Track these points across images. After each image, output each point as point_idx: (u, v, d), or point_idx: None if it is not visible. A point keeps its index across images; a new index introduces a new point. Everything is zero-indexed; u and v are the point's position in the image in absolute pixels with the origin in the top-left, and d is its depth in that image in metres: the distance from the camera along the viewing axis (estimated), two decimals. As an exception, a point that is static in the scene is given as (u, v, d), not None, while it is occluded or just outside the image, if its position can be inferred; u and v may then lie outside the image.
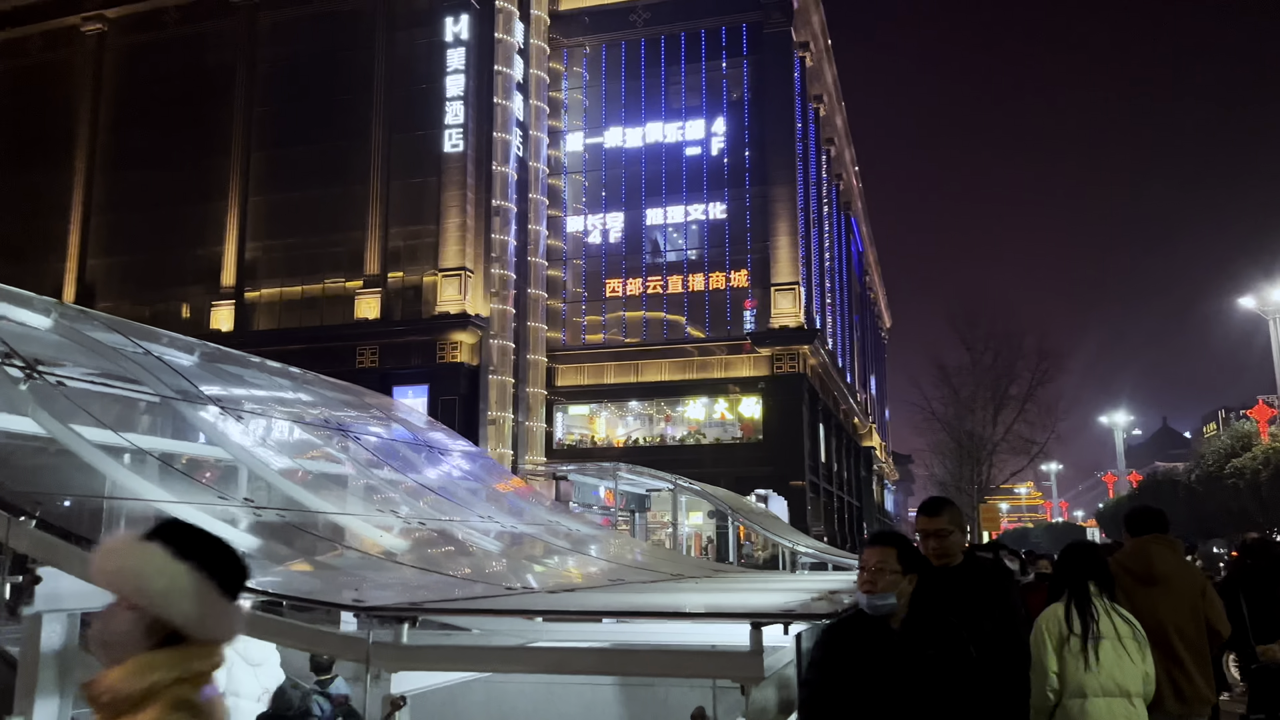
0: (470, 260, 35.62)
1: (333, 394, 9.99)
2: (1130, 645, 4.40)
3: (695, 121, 39.70)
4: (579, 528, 10.42)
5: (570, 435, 40.60)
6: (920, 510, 4.32)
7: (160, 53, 40.90)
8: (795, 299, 37.43)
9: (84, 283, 39.76)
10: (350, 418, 8.87)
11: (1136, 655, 4.40)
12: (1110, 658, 4.34)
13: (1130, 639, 4.42)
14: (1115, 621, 4.45)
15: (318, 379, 11.17)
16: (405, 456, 9.09)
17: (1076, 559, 4.70)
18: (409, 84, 37.41)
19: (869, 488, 66.21)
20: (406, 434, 9.74)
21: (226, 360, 9.06)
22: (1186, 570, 5.34)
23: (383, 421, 9.58)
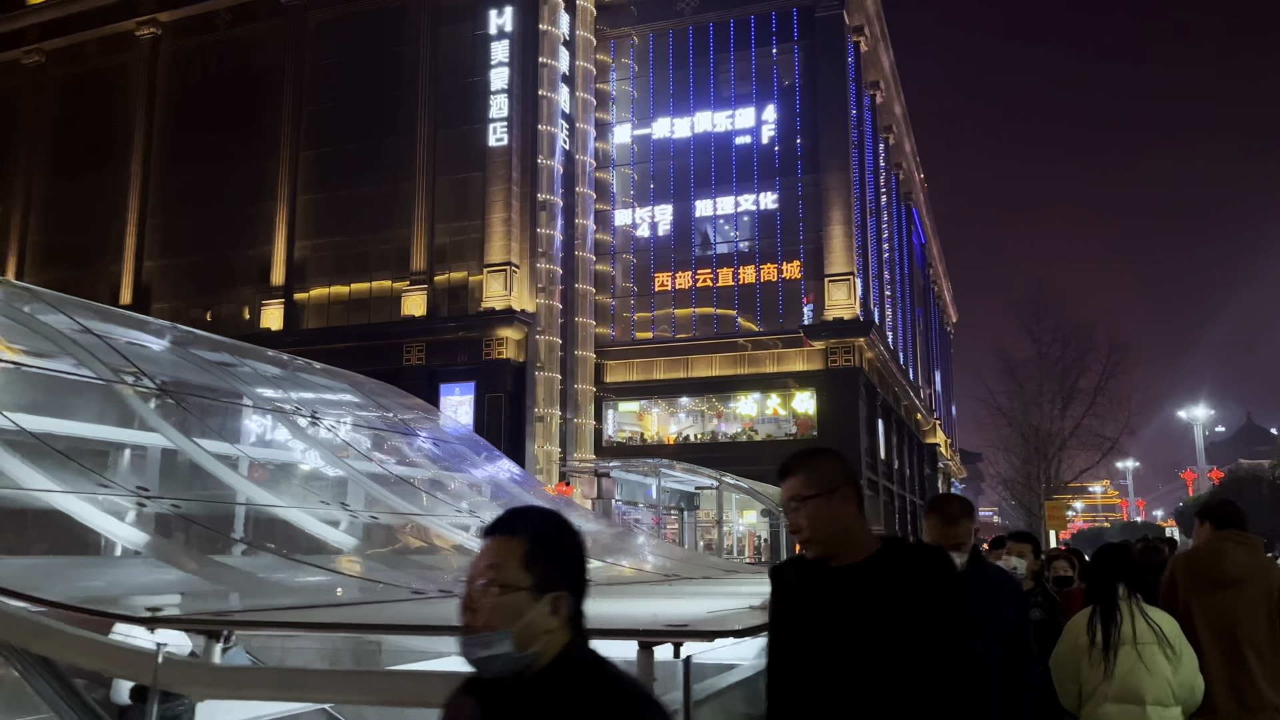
0: (516, 255, 35.11)
1: (312, 378, 9.35)
2: (1151, 651, 4.21)
3: (745, 110, 38.68)
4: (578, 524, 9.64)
5: (621, 432, 39.89)
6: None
7: (212, 55, 41.26)
8: (850, 290, 36.19)
9: (140, 285, 40.24)
10: (310, 399, 8.17)
11: (1159, 662, 4.19)
12: (1127, 664, 4.19)
13: (1153, 644, 4.22)
14: (1139, 626, 4.27)
15: (307, 365, 10.55)
16: (373, 440, 8.41)
17: (1104, 562, 4.57)
18: (454, 78, 37.07)
19: (934, 486, 64.36)
20: (373, 416, 9.00)
21: (198, 344, 8.47)
22: (1263, 571, 4.86)
23: (352, 405, 8.89)
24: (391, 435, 8.86)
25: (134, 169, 41.05)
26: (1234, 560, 4.75)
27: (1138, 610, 4.32)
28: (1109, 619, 4.29)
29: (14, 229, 42.90)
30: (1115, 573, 4.44)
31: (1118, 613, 4.30)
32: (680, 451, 36.75)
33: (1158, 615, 4.38)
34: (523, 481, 10.17)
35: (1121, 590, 4.36)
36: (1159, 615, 4.38)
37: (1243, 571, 4.72)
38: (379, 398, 9.48)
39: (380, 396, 9.56)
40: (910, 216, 62.64)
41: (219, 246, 39.26)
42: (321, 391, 8.91)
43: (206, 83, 40.96)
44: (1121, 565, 4.49)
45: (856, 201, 38.67)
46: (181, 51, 41.92)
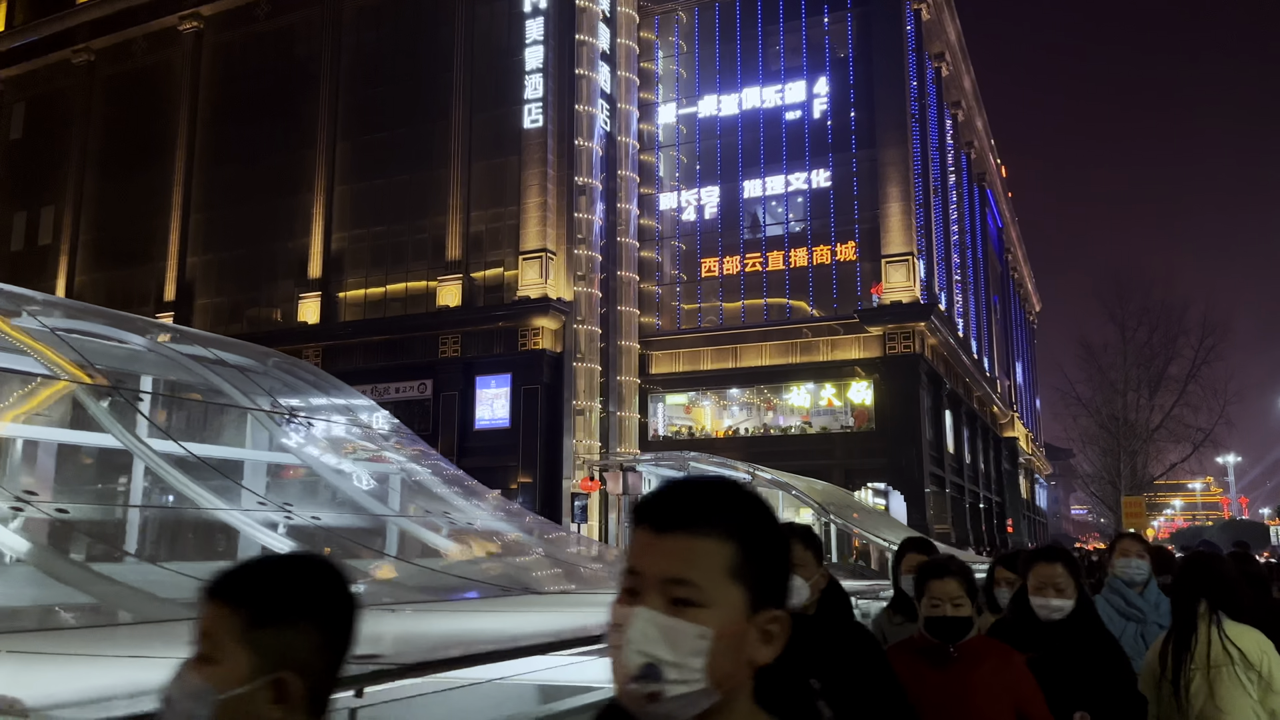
0: (552, 242, 33.59)
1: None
2: (1224, 676, 3.68)
3: (795, 83, 36.51)
4: (480, 521, 7.97)
5: (672, 426, 38.12)
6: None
7: (252, 47, 40.75)
8: (909, 271, 33.76)
9: (183, 280, 39.94)
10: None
11: (1235, 690, 3.65)
12: (1203, 694, 3.70)
13: (1226, 667, 3.69)
14: (1214, 649, 3.74)
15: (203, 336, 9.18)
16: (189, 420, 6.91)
17: (1186, 574, 4.02)
18: (489, 59, 35.75)
19: (1013, 483, 61.04)
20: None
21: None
22: None
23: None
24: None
25: (178, 164, 40.79)
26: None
27: (1215, 630, 3.79)
28: (1183, 642, 3.82)
29: (66, 228, 43.11)
30: (1197, 587, 3.89)
31: (1194, 635, 3.81)
32: (729, 446, 34.86)
33: (1239, 633, 3.78)
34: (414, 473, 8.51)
35: (1202, 607, 3.84)
36: (1241, 633, 3.78)
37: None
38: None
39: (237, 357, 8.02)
40: (985, 198, 59.41)
41: (258, 240, 38.69)
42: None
43: (247, 75, 40.46)
44: (1206, 578, 3.92)
45: (918, 178, 36.19)
46: (223, 45, 41.52)
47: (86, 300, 42.06)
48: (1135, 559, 4.64)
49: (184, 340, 8.95)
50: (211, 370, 7.90)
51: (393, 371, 34.68)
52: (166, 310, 39.57)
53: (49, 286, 42.56)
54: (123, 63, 43.65)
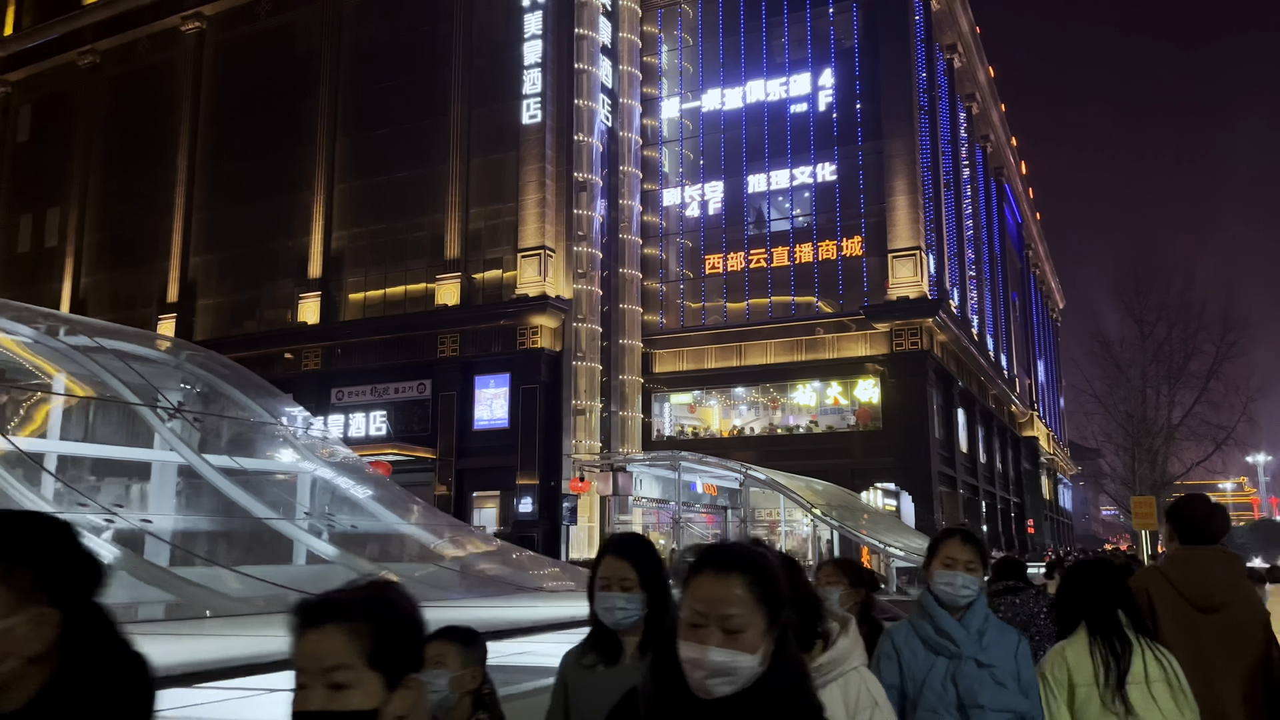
0: (551, 239, 33.04)
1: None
2: (1160, 690, 3.43)
3: (800, 76, 35.75)
4: (370, 525, 7.39)
5: (678, 426, 37.45)
6: None
7: (253, 45, 40.49)
8: (917, 266, 32.92)
9: (186, 280, 39.74)
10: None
11: (1170, 705, 3.42)
12: (1147, 709, 3.38)
13: (1162, 683, 3.45)
14: (1148, 662, 3.46)
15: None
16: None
17: (1093, 582, 3.64)
18: (488, 55, 35.27)
19: (1034, 483, 59.89)
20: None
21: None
22: (1249, 595, 4.06)
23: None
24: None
25: (180, 164, 40.61)
26: (1217, 579, 3.98)
27: (1145, 643, 3.56)
28: (1113, 650, 3.50)
29: (71, 229, 43.07)
30: (1110, 596, 3.61)
31: (1125, 641, 3.52)
32: (736, 446, 34.17)
33: (1165, 651, 3.60)
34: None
35: (1124, 619, 3.60)
36: (1166, 651, 3.60)
37: (1228, 595, 3.96)
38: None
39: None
40: (1003, 192, 58.31)
41: (259, 239, 38.42)
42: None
43: (248, 73, 40.21)
44: (1116, 587, 3.65)
45: (926, 171, 35.35)
46: (225, 44, 41.30)
47: (93, 301, 42.07)
48: (963, 572, 3.28)
49: (81, 332, 8.37)
50: (96, 362, 7.33)
51: (392, 371, 34.28)
52: (169, 311, 39.41)
53: (55, 288, 42.58)
54: (127, 64, 43.57)
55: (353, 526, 6.84)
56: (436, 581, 6.09)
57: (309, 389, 35.33)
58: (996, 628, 3.34)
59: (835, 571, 4.03)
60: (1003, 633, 3.34)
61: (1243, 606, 3.95)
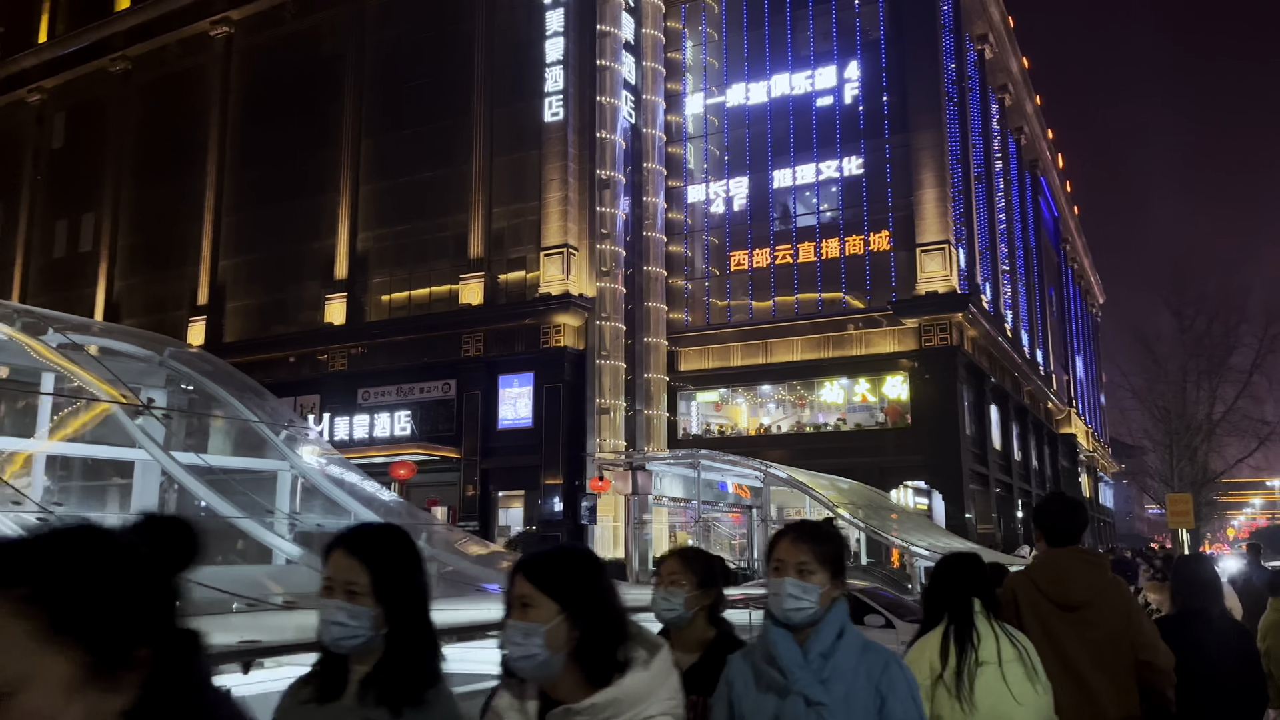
0: (574, 237, 32.88)
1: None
2: (1015, 672, 3.48)
3: (826, 68, 35.26)
4: (340, 522, 7.22)
5: (706, 425, 37.09)
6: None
7: (280, 49, 40.77)
8: (945, 260, 32.32)
9: (215, 284, 40.09)
10: None
11: (1025, 686, 3.47)
12: (995, 691, 3.44)
13: (1016, 662, 3.51)
14: (1001, 645, 3.54)
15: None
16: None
17: (954, 572, 3.79)
18: (510, 53, 35.19)
19: (1073, 481, 58.76)
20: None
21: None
22: (1111, 591, 4.15)
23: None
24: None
25: (210, 168, 40.99)
26: (1079, 578, 4.15)
27: (998, 628, 3.61)
28: (964, 638, 3.55)
29: (105, 235, 43.65)
30: (969, 585, 3.71)
31: (974, 631, 3.57)
32: (764, 445, 33.76)
33: (1019, 634, 3.67)
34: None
35: (978, 605, 3.65)
36: (1020, 634, 3.68)
37: (1090, 594, 4.12)
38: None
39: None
40: (1038, 185, 57.25)
41: (286, 242, 38.66)
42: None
43: (275, 77, 40.49)
44: (975, 577, 3.76)
45: (955, 163, 34.74)
46: (252, 48, 41.63)
47: (126, 305, 42.60)
48: (793, 578, 2.64)
49: (67, 330, 8.26)
50: (69, 359, 7.19)
51: (417, 371, 34.32)
52: (200, 314, 39.79)
53: (90, 293, 43.18)
54: (157, 70, 44.07)
55: (318, 525, 6.65)
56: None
57: (336, 390, 35.53)
58: (853, 651, 2.56)
59: (680, 568, 3.21)
60: (862, 658, 2.56)
61: (1105, 605, 4.05)
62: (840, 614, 2.61)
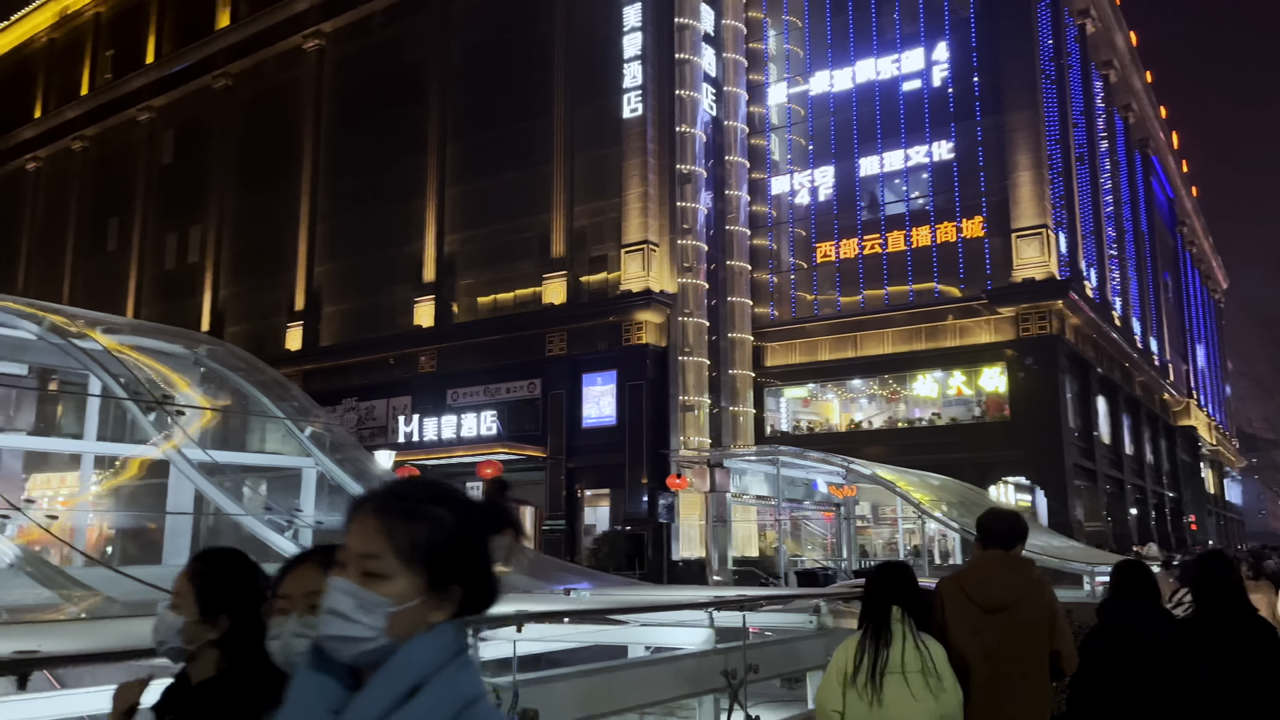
0: (654, 233, 32.57)
1: None
2: (915, 679, 3.87)
3: (913, 51, 34.10)
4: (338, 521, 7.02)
5: (797, 421, 36.33)
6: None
7: (369, 57, 41.63)
8: (1044, 245, 30.84)
9: (312, 289, 41.18)
10: None
11: (923, 691, 3.87)
12: (899, 694, 3.85)
13: (917, 672, 3.88)
14: (907, 653, 3.93)
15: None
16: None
17: (879, 581, 4.20)
18: (588, 50, 35.11)
19: (1194, 476, 55.67)
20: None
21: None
22: (1033, 594, 4.32)
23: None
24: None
25: (304, 178, 42.13)
26: (1002, 582, 4.31)
27: (909, 635, 3.96)
28: (878, 642, 3.93)
29: (210, 245, 45.34)
30: (890, 593, 4.06)
31: (887, 634, 3.94)
32: (854, 441, 32.80)
33: (929, 642, 4.01)
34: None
35: (896, 612, 4.00)
36: (930, 642, 4.02)
37: (1012, 596, 4.27)
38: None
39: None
40: (1149, 165, 54.42)
41: (377, 246, 39.43)
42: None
43: (364, 86, 41.38)
44: (896, 585, 4.10)
45: (1054, 144, 33.17)
46: (343, 58, 42.64)
47: (230, 313, 44.18)
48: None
49: (97, 328, 8.31)
50: (91, 357, 7.19)
51: (503, 371, 34.54)
52: (297, 319, 40.92)
53: (197, 302, 44.93)
54: (255, 84, 45.55)
55: (318, 522, 6.48)
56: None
57: (426, 391, 36.06)
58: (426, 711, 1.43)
59: (184, 586, 2.30)
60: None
61: (1027, 607, 4.23)
62: (427, 654, 1.44)
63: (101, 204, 51.01)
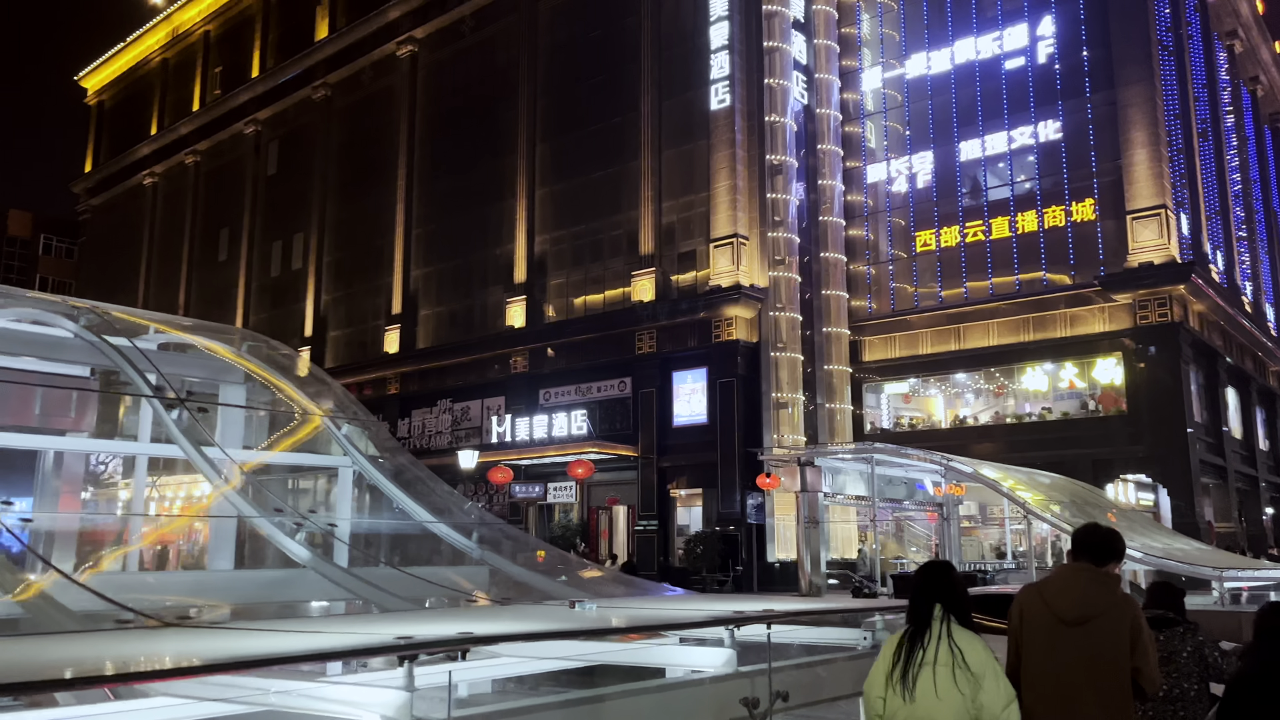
0: (743, 226, 31.77)
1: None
2: (944, 674, 3.93)
3: (1015, 27, 32.37)
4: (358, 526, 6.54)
5: (899, 418, 34.98)
6: None
7: (459, 62, 41.96)
8: (1163, 227, 28.82)
9: (408, 294, 41.69)
10: None
11: (949, 688, 3.90)
12: (926, 689, 3.95)
13: (947, 667, 3.94)
14: (940, 650, 3.99)
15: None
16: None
17: (924, 580, 4.23)
18: (674, 43, 34.55)
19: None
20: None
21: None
22: (1116, 609, 4.22)
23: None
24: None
25: (400, 183, 42.72)
26: (1084, 595, 4.25)
27: (945, 632, 4.02)
28: (916, 639, 4.05)
29: (313, 253, 46.44)
30: (931, 592, 4.13)
31: (926, 633, 4.04)
32: (959, 438, 31.36)
33: (964, 638, 4.01)
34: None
35: (937, 610, 4.07)
36: (965, 638, 4.01)
37: (1093, 609, 4.20)
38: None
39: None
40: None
41: (470, 249, 39.69)
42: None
43: (455, 90, 41.74)
44: (938, 584, 4.16)
45: (1174, 119, 31.04)
46: (435, 63, 43.09)
47: (331, 318, 45.14)
48: None
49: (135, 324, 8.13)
50: (122, 354, 6.99)
51: (594, 370, 34.27)
52: (394, 323, 41.50)
53: (300, 308, 46.08)
54: (353, 93, 46.46)
55: (330, 525, 6.06)
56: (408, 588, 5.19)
57: (520, 391, 36.05)
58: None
59: None
60: None
61: (1109, 621, 4.13)
62: None
63: (213, 216, 52.88)
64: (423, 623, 3.82)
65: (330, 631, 3.36)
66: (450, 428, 38.11)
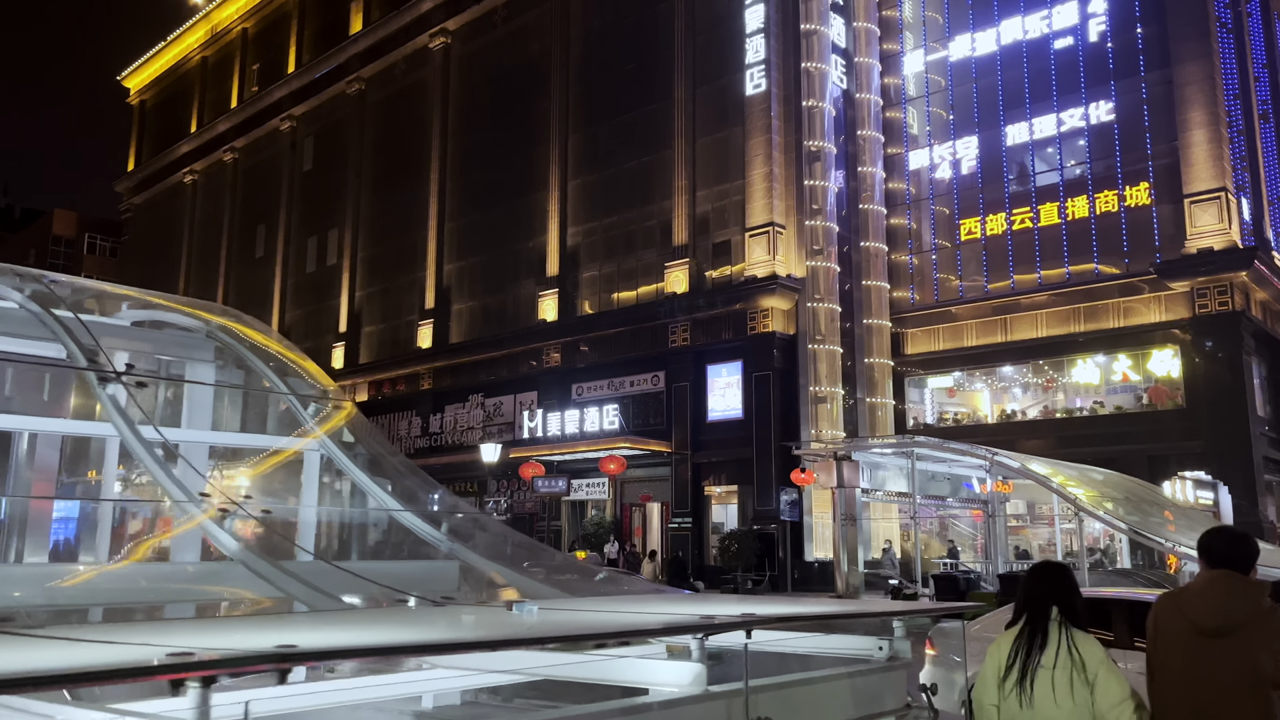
0: (780, 215, 30.78)
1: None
2: (1062, 678, 3.82)
3: (1065, 5, 31.01)
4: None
5: (945, 413, 33.78)
6: None
7: (491, 53, 41.42)
8: (1222, 211, 27.35)
9: (441, 287, 41.24)
10: None
11: (1065, 693, 3.80)
12: (1044, 695, 3.83)
13: (1065, 671, 3.82)
14: (1060, 653, 3.87)
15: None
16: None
17: (1040, 580, 4.11)
18: (708, 28, 33.63)
19: None
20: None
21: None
22: (1261, 619, 3.85)
23: None
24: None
25: (433, 177, 42.30)
26: (1229, 605, 3.87)
27: (1064, 635, 3.91)
28: (1033, 641, 3.91)
29: (347, 248, 46.22)
30: (1050, 593, 4.00)
31: (1044, 636, 3.91)
32: (1006, 433, 30.14)
33: (1083, 641, 3.90)
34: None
35: (1054, 613, 3.95)
36: (1085, 641, 3.91)
37: (1236, 620, 3.83)
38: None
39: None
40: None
41: (502, 242, 39.13)
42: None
43: (487, 82, 41.20)
44: (1057, 586, 4.04)
45: (1233, 98, 29.52)
46: (467, 55, 42.59)
47: (366, 313, 44.83)
48: None
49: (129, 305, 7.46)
50: (63, 325, 6.30)
51: (626, 364, 33.51)
52: (427, 318, 41.06)
53: (335, 303, 45.87)
54: (387, 87, 46.15)
55: (265, 513, 5.33)
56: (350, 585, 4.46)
57: (552, 385, 35.40)
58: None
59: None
60: None
61: (1253, 632, 3.84)
62: None
63: (250, 212, 52.95)
64: (281, 630, 3.05)
65: (96, 642, 2.59)
66: (482, 423, 37.57)
